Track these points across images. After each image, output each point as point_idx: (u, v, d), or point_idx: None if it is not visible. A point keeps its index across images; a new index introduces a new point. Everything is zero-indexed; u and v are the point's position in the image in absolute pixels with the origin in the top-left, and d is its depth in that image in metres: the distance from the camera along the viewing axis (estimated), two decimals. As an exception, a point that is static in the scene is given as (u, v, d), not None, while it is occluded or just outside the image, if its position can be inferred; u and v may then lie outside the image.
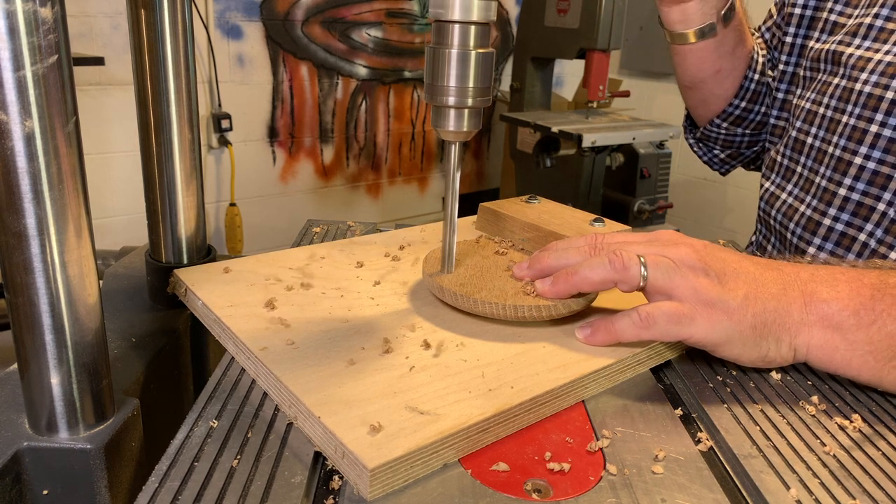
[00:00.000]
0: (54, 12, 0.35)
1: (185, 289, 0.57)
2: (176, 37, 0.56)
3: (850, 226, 0.70)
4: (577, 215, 0.67)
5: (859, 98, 0.70)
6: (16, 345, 0.40)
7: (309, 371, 0.45)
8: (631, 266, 0.48)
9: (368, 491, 0.36)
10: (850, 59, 0.72)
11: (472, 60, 0.49)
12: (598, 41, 2.17)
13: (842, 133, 0.71)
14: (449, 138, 0.52)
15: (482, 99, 0.50)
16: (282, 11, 2.50)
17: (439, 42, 0.49)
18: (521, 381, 0.45)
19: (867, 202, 0.69)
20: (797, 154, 0.79)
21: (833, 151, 0.72)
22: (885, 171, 0.67)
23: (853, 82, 0.71)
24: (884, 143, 0.67)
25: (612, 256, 0.49)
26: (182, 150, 0.59)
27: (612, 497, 0.37)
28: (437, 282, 0.54)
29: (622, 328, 0.48)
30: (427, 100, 0.51)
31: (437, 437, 0.39)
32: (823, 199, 0.73)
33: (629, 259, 0.49)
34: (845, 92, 0.72)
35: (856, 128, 0.69)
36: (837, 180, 0.71)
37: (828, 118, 0.74)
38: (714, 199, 2.89)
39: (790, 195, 0.79)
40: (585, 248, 0.52)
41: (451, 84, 0.49)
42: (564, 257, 0.53)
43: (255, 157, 2.59)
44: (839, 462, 0.41)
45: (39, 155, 0.36)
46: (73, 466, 0.41)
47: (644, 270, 0.48)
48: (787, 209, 0.79)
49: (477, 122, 0.52)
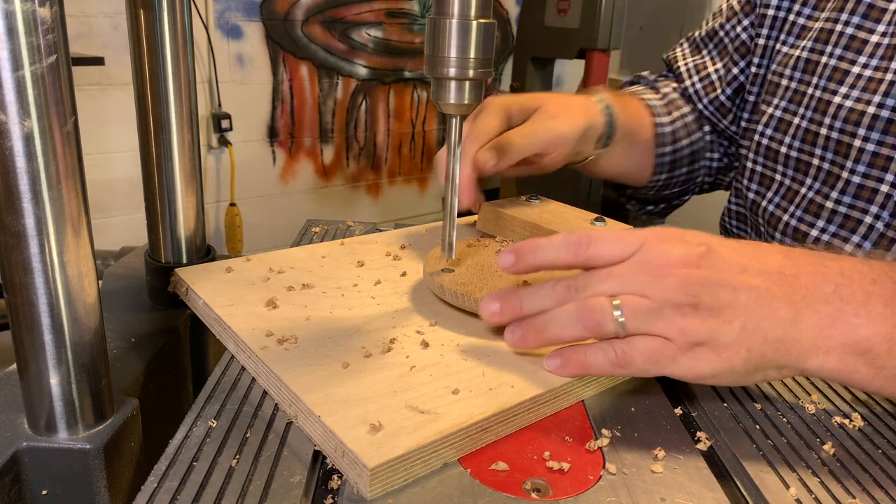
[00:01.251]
0: (53, 12, 0.35)
1: (185, 288, 0.57)
2: (175, 37, 0.56)
3: (837, 237, 0.70)
4: (578, 214, 0.67)
5: (839, 111, 0.69)
6: (15, 345, 0.40)
7: (309, 370, 0.45)
8: (605, 322, 0.43)
9: (368, 490, 0.36)
10: (824, 69, 0.71)
11: (473, 30, 0.48)
12: (598, 41, 2.17)
13: (825, 146, 0.70)
14: (450, 111, 0.51)
15: (483, 70, 0.49)
16: (282, 11, 2.50)
17: (440, 12, 0.48)
18: (522, 381, 0.45)
19: (854, 215, 0.69)
20: (772, 162, 0.78)
21: (820, 164, 0.71)
22: (871, 184, 0.67)
23: (830, 94, 0.70)
24: (868, 158, 0.67)
25: (583, 312, 0.43)
26: (181, 151, 0.59)
27: (612, 496, 0.37)
28: (438, 281, 0.54)
29: (595, 363, 0.44)
30: (427, 72, 0.50)
31: (438, 436, 0.39)
32: (810, 210, 0.73)
33: (602, 315, 0.43)
34: (821, 104, 0.71)
35: (840, 142, 0.69)
36: (825, 193, 0.71)
37: (803, 128, 0.73)
38: (714, 198, 2.88)
39: (770, 203, 0.78)
40: (559, 290, 0.46)
41: (452, 55, 0.48)
42: (539, 302, 0.47)
43: (255, 157, 2.59)
44: (839, 461, 0.41)
45: (38, 155, 0.36)
46: (73, 466, 0.41)
47: (621, 318, 0.43)
48: (769, 217, 0.78)
49: (478, 94, 0.50)
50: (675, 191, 0.94)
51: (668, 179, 0.90)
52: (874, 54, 0.68)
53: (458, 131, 0.52)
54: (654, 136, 0.86)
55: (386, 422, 0.39)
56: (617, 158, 0.83)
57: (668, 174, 0.90)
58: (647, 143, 0.86)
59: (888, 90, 0.65)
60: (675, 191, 0.94)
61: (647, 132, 0.86)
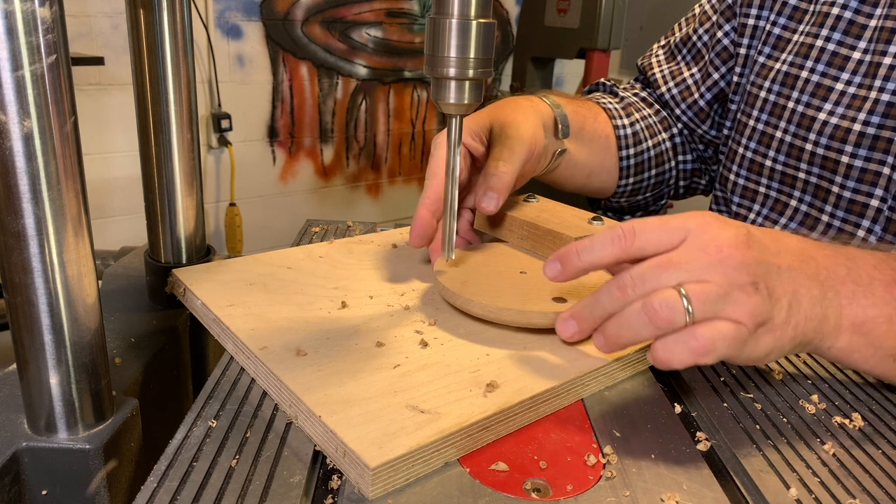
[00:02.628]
0: (53, 12, 0.35)
1: (183, 288, 0.57)
2: (175, 37, 0.56)
3: None
4: (575, 214, 0.67)
5: (824, 128, 0.69)
6: (15, 345, 0.40)
7: (309, 370, 0.45)
8: (675, 318, 0.41)
9: (370, 490, 0.36)
10: (806, 84, 0.71)
11: (472, 30, 0.48)
12: (598, 41, 2.17)
13: (811, 161, 0.71)
14: (450, 111, 0.51)
15: (483, 70, 0.49)
16: (282, 11, 2.50)
17: (439, 11, 0.48)
18: (522, 380, 0.45)
19: (847, 228, 0.69)
20: (755, 175, 0.77)
21: (807, 178, 0.71)
22: (861, 199, 0.67)
23: (815, 111, 0.70)
24: (856, 174, 0.67)
25: (652, 311, 0.41)
26: (181, 151, 0.59)
27: (612, 496, 0.37)
28: (440, 281, 0.54)
29: (678, 358, 0.41)
30: (427, 72, 0.50)
31: (439, 435, 0.39)
32: (805, 223, 0.73)
33: (671, 311, 0.41)
34: (805, 119, 0.71)
35: (826, 157, 0.69)
36: (819, 206, 0.71)
37: (787, 143, 0.73)
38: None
39: (759, 215, 0.78)
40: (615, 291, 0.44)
41: (452, 55, 0.48)
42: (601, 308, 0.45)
43: (254, 157, 2.59)
44: (839, 461, 0.41)
45: (38, 155, 0.36)
46: (72, 466, 0.41)
47: (689, 308, 0.41)
48: None
49: (478, 94, 0.50)
50: (647, 195, 0.93)
51: (637, 183, 0.90)
52: (857, 71, 0.68)
53: (458, 130, 0.52)
54: (611, 142, 0.86)
55: (387, 421, 0.39)
56: (581, 158, 0.81)
57: (636, 177, 0.89)
58: (608, 142, 0.85)
59: (872, 108, 0.66)
60: (648, 195, 0.93)
61: (604, 130, 0.85)
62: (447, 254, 0.56)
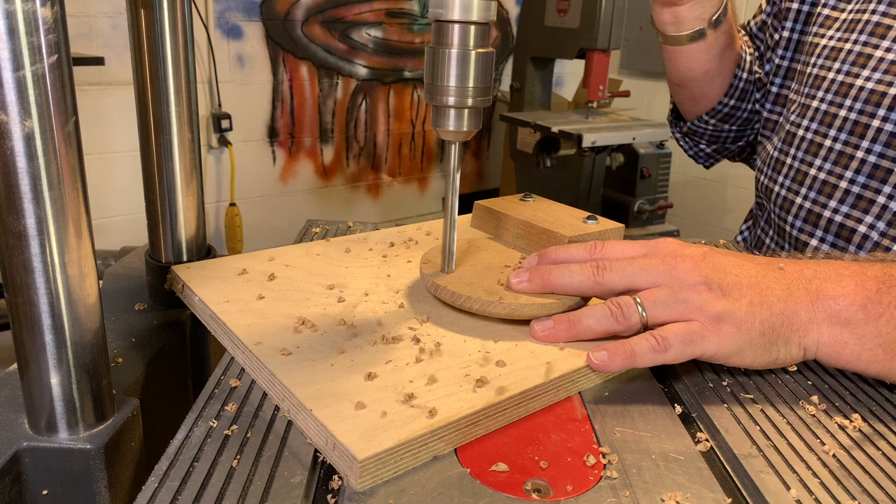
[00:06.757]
0: (54, 12, 0.35)
1: (181, 285, 0.57)
2: (175, 37, 0.56)
3: (850, 217, 0.71)
4: (570, 213, 0.67)
5: (860, 94, 0.70)
6: (15, 345, 0.40)
7: (302, 365, 0.45)
8: (631, 315, 0.48)
9: (358, 482, 0.37)
10: (848, 55, 0.73)
11: (472, 60, 0.49)
12: (598, 41, 2.17)
13: (841, 127, 0.72)
14: (449, 138, 0.52)
15: (482, 99, 0.50)
16: (282, 11, 2.50)
17: (439, 42, 0.49)
18: (512, 376, 0.45)
19: (867, 195, 0.70)
20: (787, 146, 0.79)
21: (832, 145, 0.73)
22: (886, 164, 0.68)
23: (853, 78, 0.72)
24: (885, 138, 0.68)
25: (613, 308, 0.49)
26: (182, 151, 0.59)
27: (612, 497, 0.37)
28: (433, 279, 0.54)
29: (640, 352, 0.47)
30: (427, 100, 0.51)
31: (427, 429, 0.39)
32: (823, 191, 0.74)
33: (628, 309, 0.49)
34: (843, 87, 0.72)
35: (857, 122, 0.70)
36: (838, 173, 0.72)
37: (822, 111, 0.75)
38: (714, 198, 2.89)
39: (782, 187, 0.79)
40: (588, 269, 0.51)
41: (451, 84, 0.49)
42: (567, 275, 0.51)
43: (255, 157, 2.59)
44: (839, 462, 0.41)
45: (39, 155, 0.36)
46: (73, 466, 0.41)
47: (643, 311, 0.48)
48: (782, 202, 0.79)
49: (477, 121, 0.52)
50: (733, 129, 0.94)
51: (734, 109, 0.91)
52: None
53: (458, 157, 0.54)
54: (737, 57, 0.88)
55: (377, 415, 0.40)
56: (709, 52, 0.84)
57: (736, 101, 0.91)
58: (732, 60, 0.88)
59: None
60: (734, 130, 0.94)
61: (736, 48, 0.88)
62: (447, 266, 0.56)
